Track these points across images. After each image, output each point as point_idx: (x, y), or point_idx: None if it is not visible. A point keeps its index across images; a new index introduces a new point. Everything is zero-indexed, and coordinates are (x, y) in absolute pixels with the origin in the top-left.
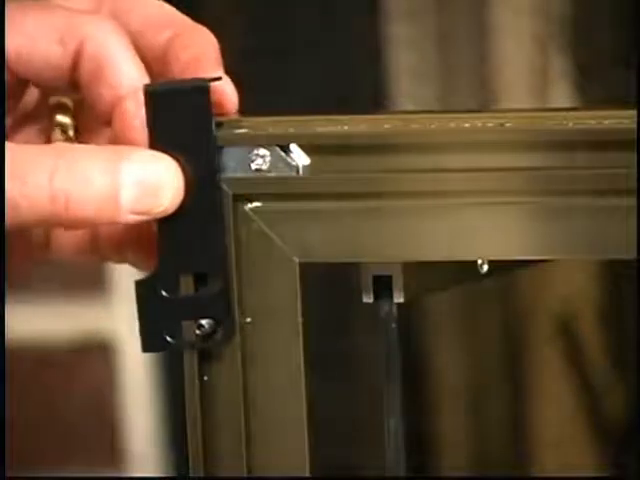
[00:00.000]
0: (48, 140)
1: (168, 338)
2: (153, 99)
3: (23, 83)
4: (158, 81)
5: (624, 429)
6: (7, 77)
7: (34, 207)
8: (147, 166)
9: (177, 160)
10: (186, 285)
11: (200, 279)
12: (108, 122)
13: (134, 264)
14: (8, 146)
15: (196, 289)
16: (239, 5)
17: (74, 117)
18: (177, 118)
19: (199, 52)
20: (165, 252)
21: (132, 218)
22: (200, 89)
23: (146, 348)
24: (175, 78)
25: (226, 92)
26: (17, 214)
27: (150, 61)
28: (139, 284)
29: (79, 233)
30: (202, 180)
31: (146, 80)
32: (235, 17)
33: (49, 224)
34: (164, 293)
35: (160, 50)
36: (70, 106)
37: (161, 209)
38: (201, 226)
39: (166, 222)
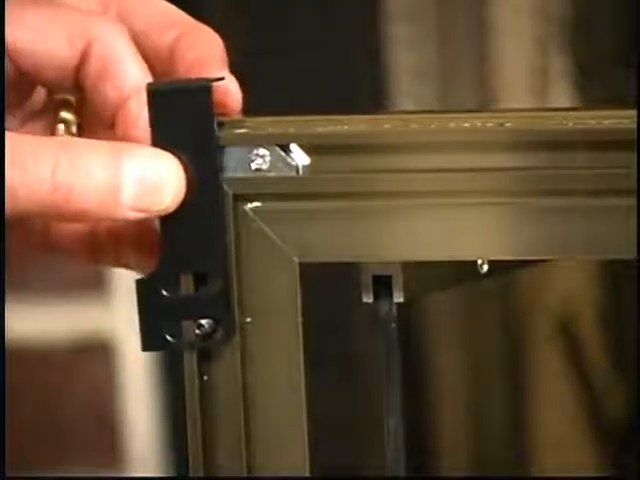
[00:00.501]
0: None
1: (168, 337)
2: (156, 98)
3: (28, 78)
4: (161, 80)
5: (624, 429)
6: (9, 69)
7: (34, 197)
8: (148, 163)
9: (179, 159)
10: (186, 285)
11: (200, 279)
12: (111, 124)
13: (131, 265)
14: (9, 135)
15: (196, 289)
16: (239, 5)
17: (77, 115)
18: (179, 117)
19: (204, 52)
20: (166, 251)
21: (132, 215)
22: (203, 89)
23: (146, 347)
24: (179, 78)
25: (231, 91)
26: (16, 203)
27: (154, 61)
28: (140, 283)
29: (79, 226)
30: (204, 180)
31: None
32: (235, 17)
33: (48, 215)
34: (164, 292)
35: (165, 50)
36: (73, 103)
37: (162, 207)
38: (202, 226)
39: (168, 221)
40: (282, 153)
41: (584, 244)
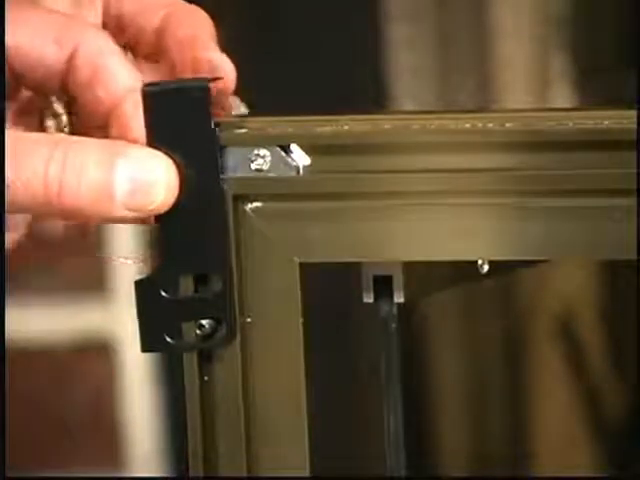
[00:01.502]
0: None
1: (168, 339)
2: (151, 99)
3: (18, 78)
4: (156, 81)
5: (624, 429)
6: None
7: (28, 193)
8: (142, 163)
9: (174, 159)
10: (186, 286)
11: (200, 279)
12: (100, 125)
13: None
14: (8, 132)
15: (196, 289)
16: (239, 5)
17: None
18: (175, 118)
19: (195, 29)
20: (166, 252)
21: (126, 214)
22: (200, 89)
23: (145, 348)
24: (170, 58)
25: (225, 71)
26: (14, 199)
27: (144, 42)
28: (138, 284)
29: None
30: (202, 180)
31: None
32: (235, 17)
33: (43, 212)
34: (164, 294)
35: (155, 30)
36: (65, 100)
37: (154, 206)
38: (202, 226)
39: (166, 222)
40: (282, 153)
41: (584, 244)
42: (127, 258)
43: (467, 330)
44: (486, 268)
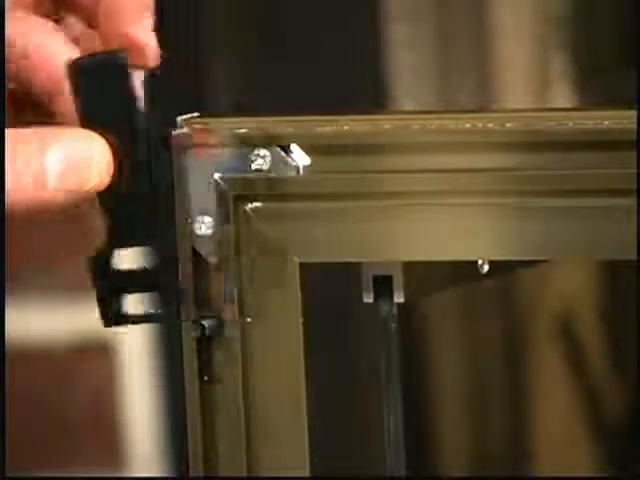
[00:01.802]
0: None
1: (125, 311)
2: (76, 74)
3: None
4: (81, 56)
5: (624, 429)
6: None
7: None
8: (74, 144)
9: (105, 135)
10: (132, 258)
11: (146, 250)
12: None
13: None
14: None
15: (144, 260)
16: (239, 4)
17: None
18: (101, 91)
19: None
20: (108, 228)
21: (62, 196)
22: (119, 60)
23: (107, 323)
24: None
25: (149, 47)
26: None
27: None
28: (90, 261)
29: None
30: (134, 153)
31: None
32: (235, 17)
33: None
34: (113, 268)
35: None
36: None
37: (89, 185)
38: (139, 199)
39: (105, 198)
40: (282, 153)
41: (584, 244)
42: None
43: (467, 330)
44: (486, 268)
